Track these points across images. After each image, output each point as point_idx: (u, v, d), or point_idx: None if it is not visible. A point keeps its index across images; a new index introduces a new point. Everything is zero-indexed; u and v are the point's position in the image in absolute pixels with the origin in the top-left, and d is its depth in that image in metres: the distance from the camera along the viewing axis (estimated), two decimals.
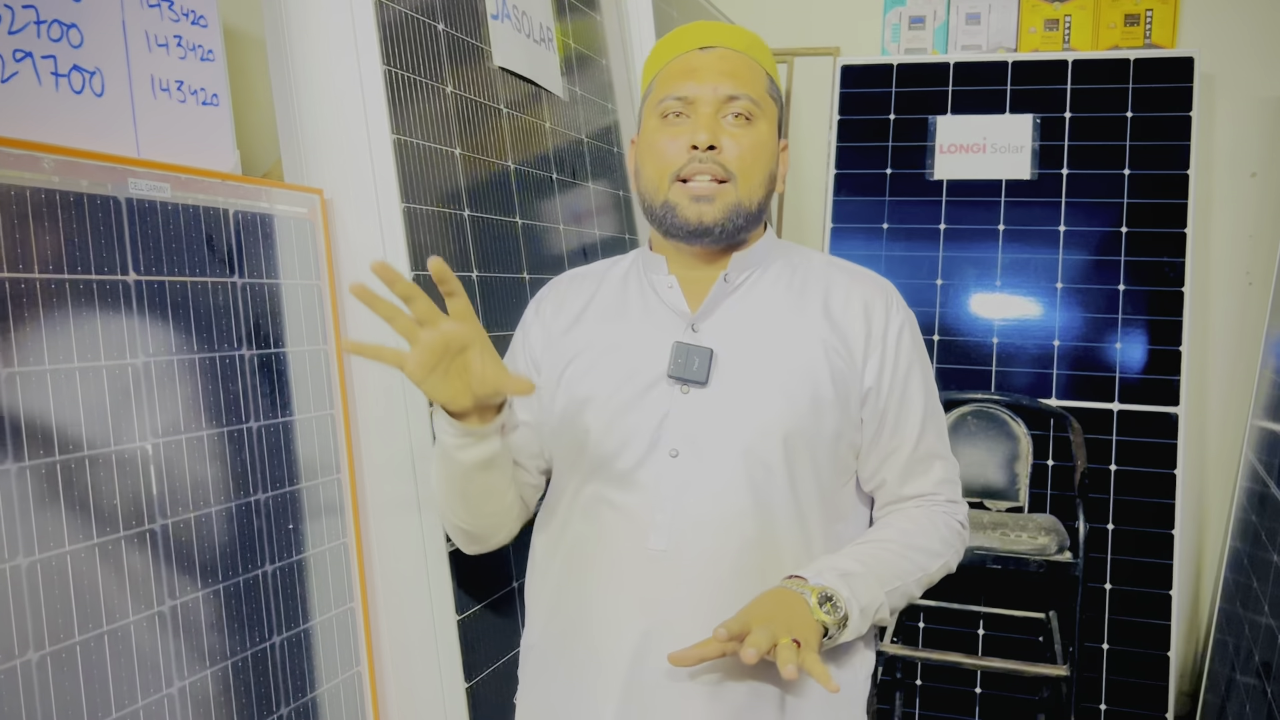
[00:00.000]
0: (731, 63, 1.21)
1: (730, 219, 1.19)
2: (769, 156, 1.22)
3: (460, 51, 1.51)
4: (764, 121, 1.21)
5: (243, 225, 1.17)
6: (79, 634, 0.93)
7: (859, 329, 1.21)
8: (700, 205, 1.18)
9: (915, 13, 3.10)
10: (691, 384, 1.17)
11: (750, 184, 1.19)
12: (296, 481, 1.22)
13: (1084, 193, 2.78)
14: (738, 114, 1.19)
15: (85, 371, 0.96)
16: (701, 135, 1.17)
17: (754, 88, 1.20)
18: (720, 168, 1.17)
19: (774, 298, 1.23)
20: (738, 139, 1.18)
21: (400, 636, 1.32)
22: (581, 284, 1.33)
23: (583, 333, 1.26)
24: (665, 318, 1.23)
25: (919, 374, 1.24)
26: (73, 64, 1.01)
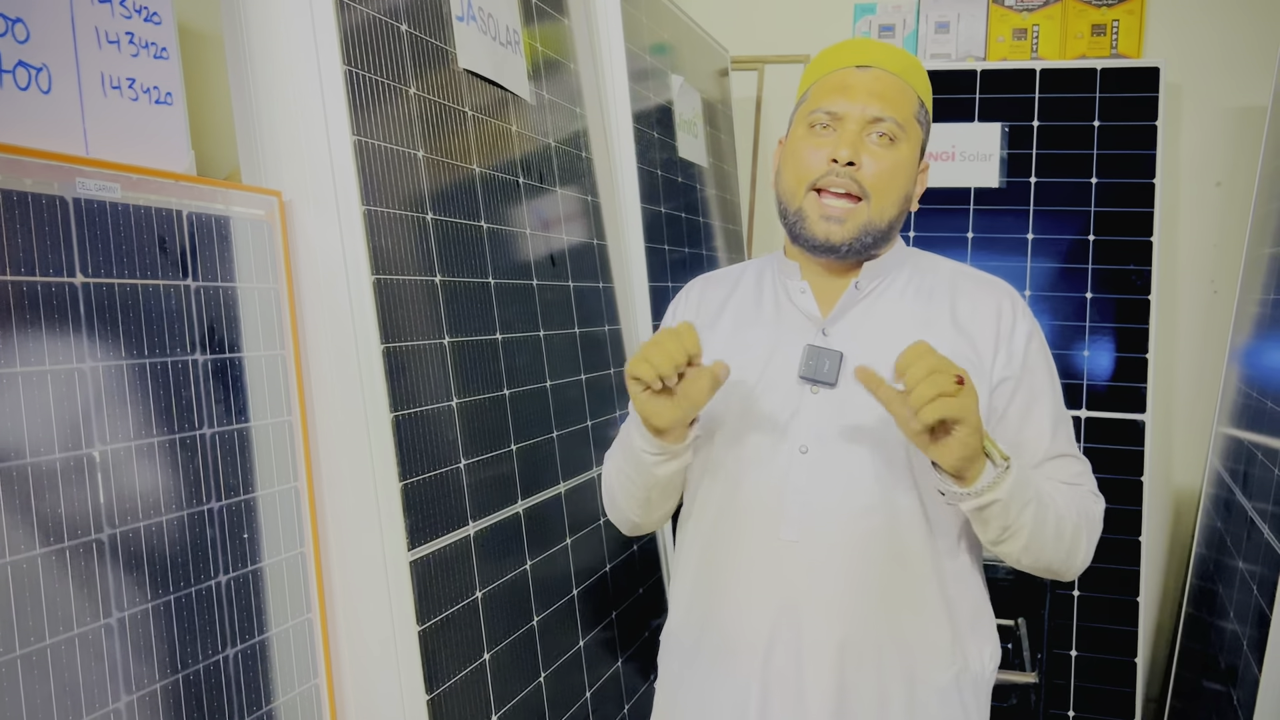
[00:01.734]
0: (884, 84, 1.24)
1: (860, 238, 1.23)
2: (907, 178, 1.25)
3: (424, 53, 1.49)
4: (907, 144, 1.24)
5: (197, 227, 1.14)
6: (20, 647, 0.90)
7: (988, 330, 1.25)
8: (829, 225, 1.22)
9: (885, 21, 3.11)
10: (821, 384, 1.24)
11: (884, 203, 1.23)
12: (252, 489, 1.19)
13: (1052, 201, 2.80)
14: (882, 134, 1.22)
15: (29, 376, 0.93)
16: (844, 150, 1.21)
17: (901, 111, 1.23)
18: (856, 184, 1.21)
19: (902, 304, 1.27)
20: (878, 158, 1.22)
21: (360, 648, 1.29)
22: (718, 285, 1.40)
23: (719, 333, 1.33)
24: (797, 321, 1.28)
25: (1046, 375, 1.27)
26: (18, 59, 0.98)
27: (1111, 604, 2.67)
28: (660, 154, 2.42)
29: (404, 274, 1.37)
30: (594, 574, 1.84)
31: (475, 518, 1.47)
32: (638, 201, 2.22)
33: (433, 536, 1.36)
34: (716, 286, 1.40)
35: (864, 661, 1.21)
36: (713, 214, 2.84)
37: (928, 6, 3.07)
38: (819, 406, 1.24)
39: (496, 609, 1.50)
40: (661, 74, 2.50)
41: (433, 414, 1.40)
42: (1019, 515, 1.12)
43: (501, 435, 1.57)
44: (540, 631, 1.62)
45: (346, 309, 1.27)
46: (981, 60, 3.02)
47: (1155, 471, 2.79)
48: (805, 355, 1.24)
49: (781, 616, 1.22)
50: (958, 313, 1.26)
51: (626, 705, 1.90)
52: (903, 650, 1.22)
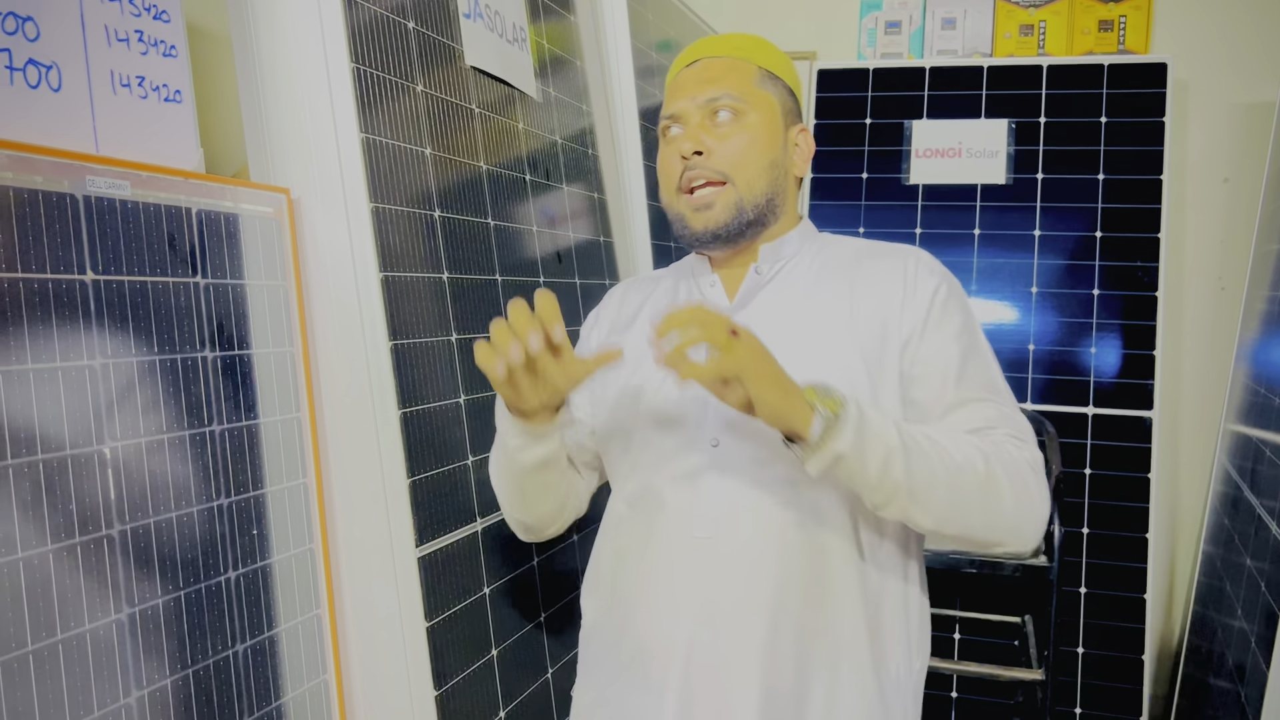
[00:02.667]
0: (712, 69, 1.25)
1: (736, 217, 1.22)
2: (766, 145, 1.23)
3: (431, 50, 1.49)
4: (755, 113, 1.23)
5: (206, 224, 1.14)
6: (32, 642, 0.90)
7: (893, 293, 1.20)
8: (703, 214, 1.22)
9: (891, 17, 3.10)
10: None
11: (748, 176, 1.22)
12: (261, 486, 1.19)
13: (1059, 197, 2.79)
14: (723, 112, 1.22)
15: (40, 374, 0.93)
16: (686, 144, 1.22)
17: (736, 83, 1.23)
18: (712, 170, 1.21)
19: (806, 285, 1.24)
20: (724, 137, 1.22)
21: (368, 644, 1.29)
22: (640, 288, 1.39)
23: (635, 333, 1.31)
24: None
25: (956, 325, 1.20)
26: (29, 58, 0.98)
27: (1118, 601, 2.67)
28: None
29: (411, 271, 1.37)
30: None
31: (483, 514, 1.47)
32: (644, 198, 2.22)
33: (441, 533, 1.37)
34: (637, 289, 1.39)
35: (784, 660, 1.15)
36: None
37: (934, 3, 3.06)
38: None
39: (504, 605, 1.50)
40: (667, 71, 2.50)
41: (440, 411, 1.40)
42: (884, 470, 1.04)
43: None
44: (547, 627, 1.62)
45: (355, 306, 1.27)
46: (988, 56, 3.01)
47: (1162, 469, 2.78)
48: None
49: (699, 617, 1.16)
50: (863, 285, 1.22)
51: None
52: (822, 647, 1.17)
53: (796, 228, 1.29)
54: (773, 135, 1.24)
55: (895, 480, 1.05)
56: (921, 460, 1.05)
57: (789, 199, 1.28)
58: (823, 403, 1.03)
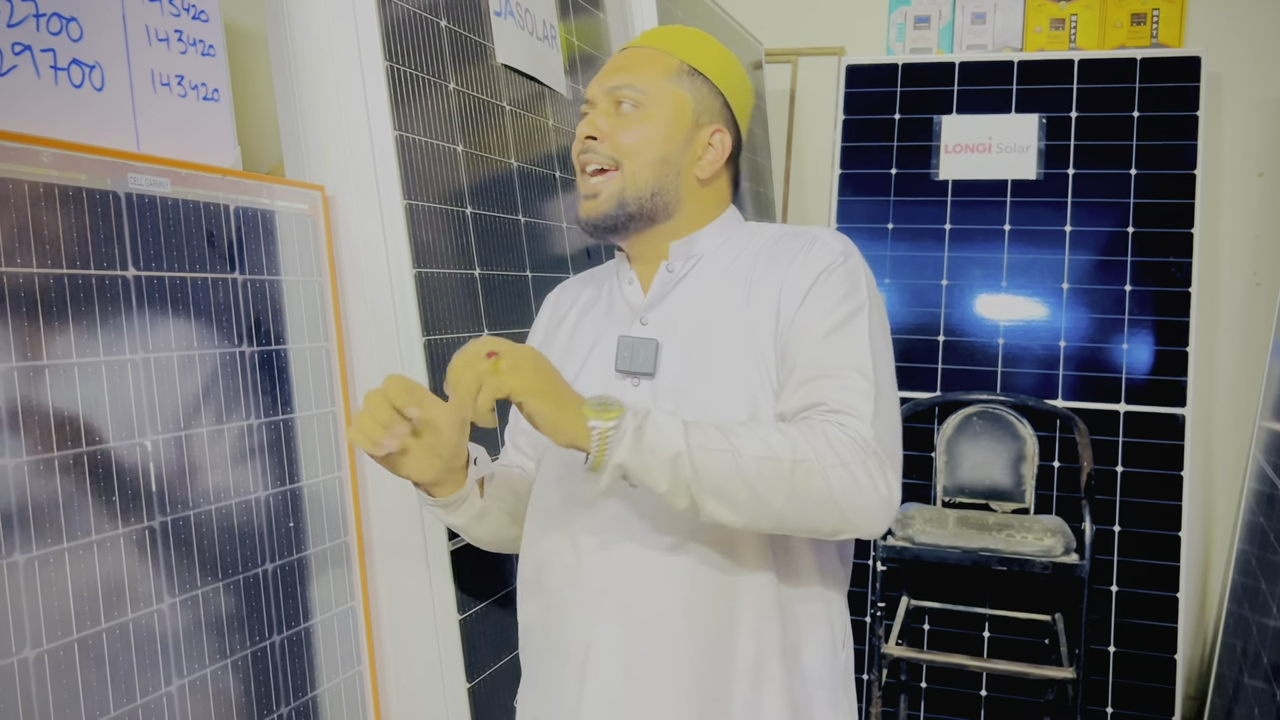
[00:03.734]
0: (630, 58, 1.23)
1: (618, 209, 1.19)
2: (659, 140, 1.20)
3: (463, 48, 1.51)
4: (657, 106, 1.20)
5: (244, 221, 1.16)
6: (77, 631, 0.92)
7: (785, 277, 1.16)
8: (589, 203, 1.21)
9: (920, 12, 3.09)
10: (640, 376, 1.18)
11: (635, 167, 1.19)
12: (297, 479, 1.21)
13: (1090, 193, 2.77)
14: (625, 103, 1.20)
15: (84, 368, 0.95)
16: (583, 128, 1.21)
17: (645, 76, 1.21)
18: (601, 155, 1.19)
19: (716, 281, 1.21)
20: (620, 124, 1.20)
21: (401, 636, 1.31)
22: (574, 288, 1.36)
23: (563, 334, 1.29)
24: (622, 312, 1.24)
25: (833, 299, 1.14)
26: (72, 58, 1.00)
27: (1151, 600, 2.65)
28: None
29: (444, 267, 1.38)
30: None
31: None
32: None
33: None
34: (569, 290, 1.36)
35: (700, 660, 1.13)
36: (747, 207, 2.83)
37: None
38: (639, 399, 1.16)
39: None
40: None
41: None
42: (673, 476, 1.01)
43: None
44: None
45: (388, 302, 1.29)
46: (1018, 51, 2.99)
47: (1196, 466, 2.76)
48: (620, 347, 1.19)
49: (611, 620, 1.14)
50: (761, 271, 1.19)
51: None
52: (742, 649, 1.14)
53: (714, 221, 1.25)
54: (672, 132, 1.21)
55: (686, 483, 1.01)
56: (712, 457, 1.02)
57: (686, 198, 1.23)
58: (598, 415, 1.00)
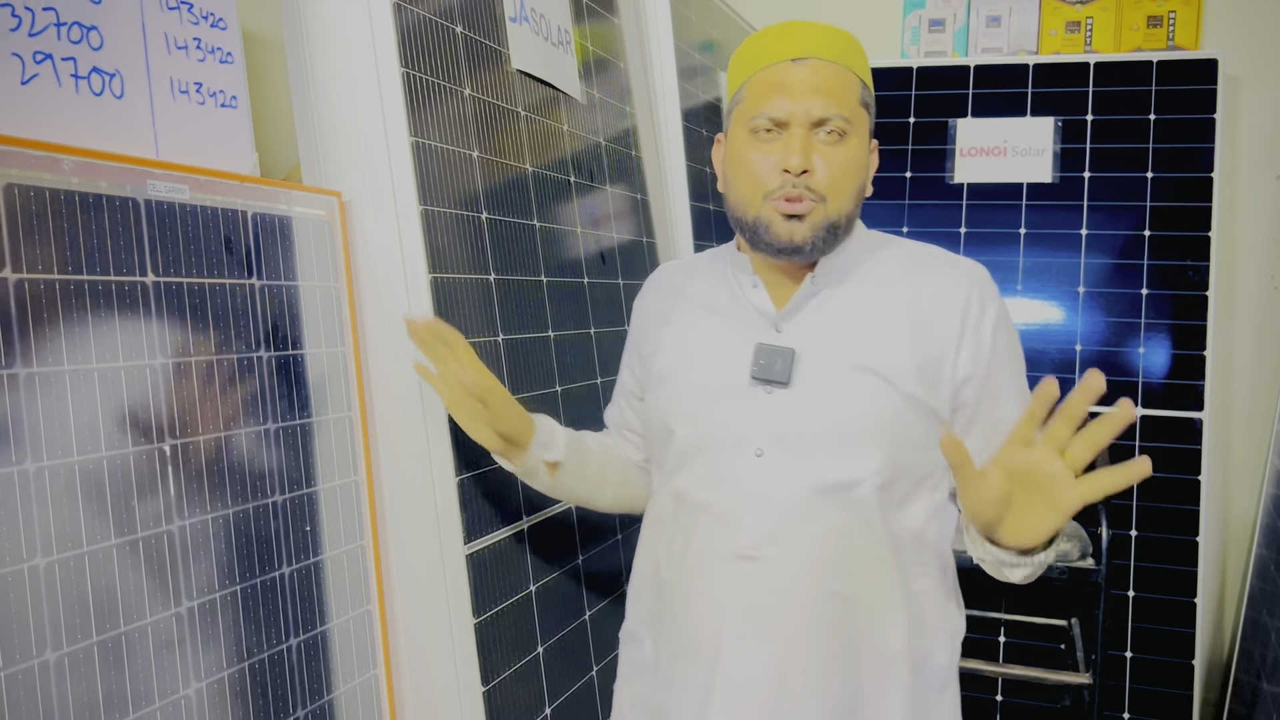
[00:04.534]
0: (824, 76, 1.17)
1: (821, 236, 1.18)
2: (860, 169, 1.21)
3: (478, 54, 1.51)
4: (855, 136, 1.19)
5: (261, 227, 1.17)
6: (96, 634, 0.93)
7: (953, 322, 1.19)
8: (792, 224, 1.18)
9: (935, 15, 3.08)
10: (774, 384, 1.19)
11: (840, 200, 1.19)
12: (314, 483, 1.21)
13: (1106, 196, 2.76)
14: (830, 131, 1.17)
15: (104, 373, 0.96)
16: (794, 159, 1.15)
17: (846, 103, 1.18)
18: (812, 191, 1.17)
19: (859, 296, 1.23)
20: (829, 158, 1.17)
21: (418, 639, 1.31)
22: (677, 278, 1.38)
23: (675, 326, 1.31)
24: (751, 317, 1.25)
25: (1013, 360, 1.22)
26: (93, 66, 1.01)
27: (1168, 605, 2.63)
28: (709, 151, 2.43)
29: (459, 272, 1.39)
30: None
31: (529, 513, 1.49)
32: (686, 199, 2.23)
33: (488, 530, 1.38)
34: (668, 281, 1.39)
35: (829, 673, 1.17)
36: None
37: (979, 0, 3.04)
38: (773, 407, 1.19)
39: (550, 603, 1.52)
40: (710, 71, 2.51)
41: None
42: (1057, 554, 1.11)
43: None
44: (592, 626, 1.63)
45: (404, 306, 1.29)
46: (1034, 54, 2.98)
47: (1213, 470, 2.74)
48: (756, 354, 1.20)
49: (735, 625, 1.18)
50: (919, 304, 1.21)
51: None
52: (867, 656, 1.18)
53: (853, 236, 1.27)
54: (864, 159, 1.22)
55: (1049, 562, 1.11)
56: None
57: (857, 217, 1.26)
58: None
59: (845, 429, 1.16)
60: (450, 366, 1.20)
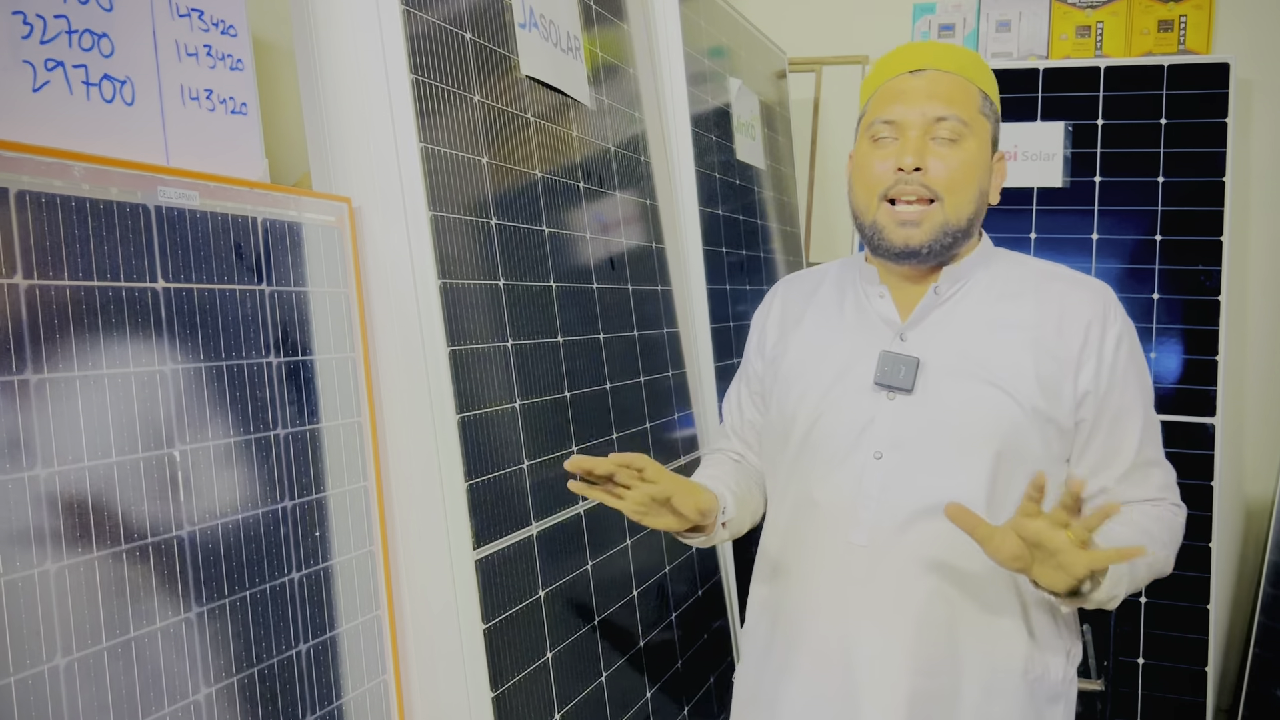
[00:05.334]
0: (942, 84, 1.23)
1: (938, 239, 1.22)
2: (978, 173, 1.24)
3: (488, 60, 1.52)
4: (973, 139, 1.22)
5: (271, 233, 1.17)
6: (106, 640, 0.93)
7: (1075, 339, 1.22)
8: (907, 229, 1.21)
9: (945, 20, 3.08)
10: (897, 391, 1.23)
11: (958, 202, 1.22)
12: (323, 489, 1.22)
13: (1117, 200, 2.75)
14: (945, 132, 1.21)
15: (114, 378, 0.96)
16: (908, 157, 1.20)
17: (963, 107, 1.22)
18: (926, 189, 1.20)
19: (984, 309, 1.25)
20: (945, 159, 1.21)
21: (427, 645, 1.31)
22: (806, 285, 1.42)
23: (800, 334, 1.35)
24: (875, 326, 1.28)
25: (1136, 381, 1.25)
26: (103, 73, 1.02)
27: (1181, 611, 2.62)
28: (718, 157, 2.43)
29: (469, 278, 1.39)
30: (653, 575, 1.85)
31: (538, 518, 1.49)
32: (696, 204, 2.23)
33: (497, 536, 1.38)
34: (799, 288, 1.42)
35: (931, 671, 1.21)
36: (770, 216, 2.83)
37: (989, 5, 3.03)
38: (895, 412, 1.24)
39: (558, 608, 1.51)
40: (719, 77, 2.51)
41: (496, 415, 1.42)
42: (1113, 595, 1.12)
43: (563, 437, 1.59)
44: (601, 631, 1.63)
45: (414, 312, 1.30)
46: (1044, 59, 2.98)
47: (1226, 476, 2.72)
48: (880, 361, 1.24)
49: (849, 622, 1.24)
50: (1043, 319, 1.23)
51: (687, 707, 1.90)
52: (973, 660, 1.22)
53: (977, 248, 1.30)
54: (984, 163, 1.25)
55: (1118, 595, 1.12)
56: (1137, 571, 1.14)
57: (980, 224, 1.28)
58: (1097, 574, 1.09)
59: (964, 438, 1.20)
60: (641, 488, 1.19)
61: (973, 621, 1.22)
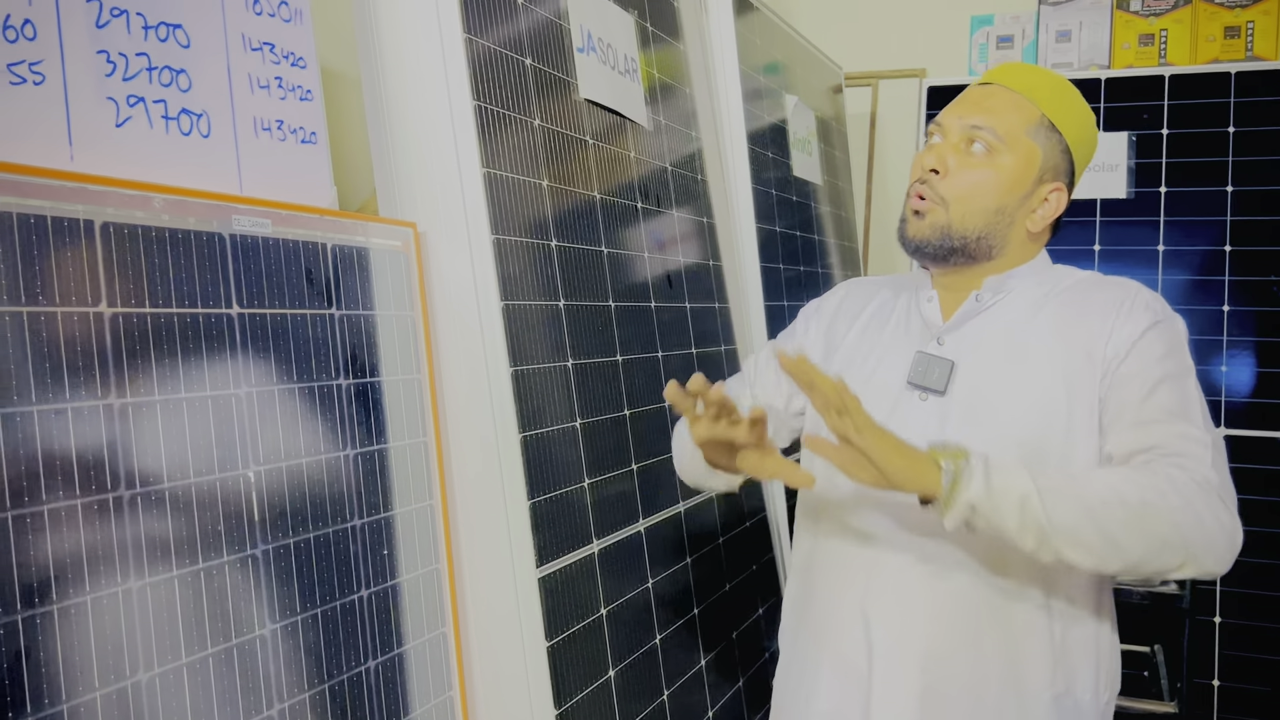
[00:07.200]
0: (996, 97, 1.24)
1: (939, 240, 1.24)
2: (999, 192, 1.23)
3: (547, 85, 1.54)
4: (1009, 158, 1.22)
5: (340, 259, 1.20)
6: (185, 655, 0.96)
7: (1103, 326, 1.20)
8: (914, 221, 1.25)
9: (1003, 32, 3.05)
10: (930, 392, 1.25)
11: (963, 212, 1.23)
12: (390, 507, 1.24)
13: (1184, 211, 2.69)
14: (978, 144, 1.23)
15: (192, 402, 1.00)
16: (929, 159, 1.24)
17: (1006, 122, 1.22)
18: (934, 193, 1.23)
19: (1023, 317, 1.26)
20: (964, 167, 1.23)
21: (491, 662, 1.33)
22: (870, 288, 1.43)
23: (851, 334, 1.37)
24: (918, 328, 1.31)
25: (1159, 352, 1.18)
26: (181, 107, 1.06)
27: (1257, 632, 2.54)
28: (774, 173, 2.43)
29: (530, 299, 1.41)
30: (714, 593, 1.85)
31: (599, 536, 1.50)
32: (752, 221, 2.23)
33: (560, 554, 1.40)
34: (866, 289, 1.44)
35: (949, 673, 1.21)
36: (828, 231, 2.82)
37: (1048, 15, 3.00)
38: (926, 413, 1.24)
39: (620, 626, 1.52)
40: (775, 93, 2.51)
41: (558, 434, 1.43)
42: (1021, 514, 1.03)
43: (623, 454, 1.60)
44: (663, 649, 1.64)
45: (477, 334, 1.32)
46: (1106, 68, 2.93)
47: None
48: (915, 362, 1.26)
49: (869, 619, 1.25)
50: (1075, 314, 1.23)
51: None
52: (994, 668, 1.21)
53: (1028, 263, 1.30)
54: (1015, 185, 1.23)
55: (1037, 522, 1.04)
56: (1060, 499, 1.05)
57: (1012, 244, 1.27)
58: (947, 458, 1.06)
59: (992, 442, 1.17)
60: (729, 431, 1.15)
61: (996, 632, 1.20)
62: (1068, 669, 1.22)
